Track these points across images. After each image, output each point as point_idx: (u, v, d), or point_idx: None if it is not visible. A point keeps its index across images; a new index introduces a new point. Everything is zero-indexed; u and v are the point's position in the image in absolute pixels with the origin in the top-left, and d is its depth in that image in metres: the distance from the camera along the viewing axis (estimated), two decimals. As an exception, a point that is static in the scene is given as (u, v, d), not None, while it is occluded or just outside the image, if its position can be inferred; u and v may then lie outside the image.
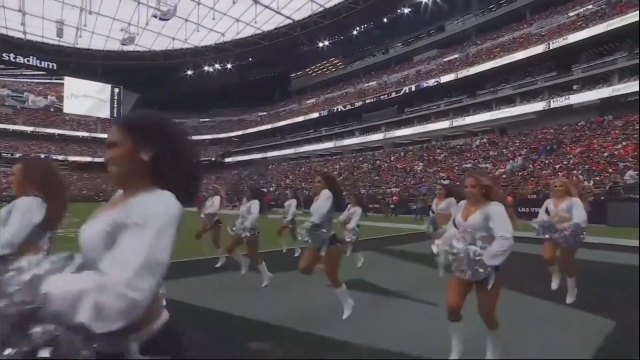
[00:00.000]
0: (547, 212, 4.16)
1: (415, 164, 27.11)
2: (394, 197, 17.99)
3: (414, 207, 17.11)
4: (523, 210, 13.11)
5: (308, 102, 51.28)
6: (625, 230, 10.14)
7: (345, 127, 41.51)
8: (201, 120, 61.86)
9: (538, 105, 24.60)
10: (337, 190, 3.60)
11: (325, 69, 54.60)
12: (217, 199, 6.30)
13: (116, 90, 58.47)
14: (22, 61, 49.33)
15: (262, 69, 56.78)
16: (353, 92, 45.06)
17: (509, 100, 27.63)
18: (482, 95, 29.89)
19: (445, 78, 31.96)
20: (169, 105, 60.65)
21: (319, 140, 43.51)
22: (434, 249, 2.70)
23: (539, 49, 25.90)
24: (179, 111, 62.13)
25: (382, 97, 37.74)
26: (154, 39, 51.44)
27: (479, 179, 2.51)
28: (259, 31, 50.20)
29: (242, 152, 53.33)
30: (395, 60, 45.53)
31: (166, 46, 54.20)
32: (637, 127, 18.09)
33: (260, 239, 5.07)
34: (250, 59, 55.62)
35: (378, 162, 31.71)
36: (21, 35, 46.25)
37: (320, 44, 50.76)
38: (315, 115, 44.47)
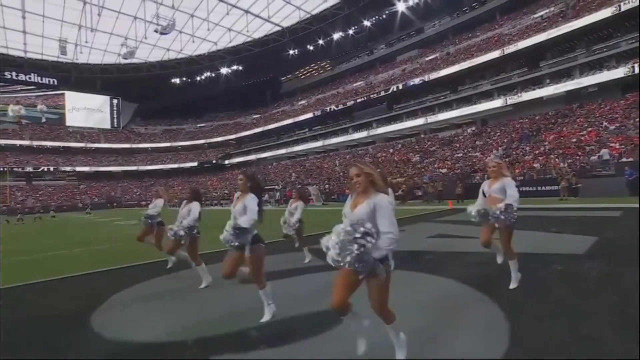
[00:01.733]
0: (483, 193, 4.02)
1: (410, 156, 29.25)
2: (403, 186, 19.91)
3: (419, 193, 19.29)
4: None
5: (300, 103, 52.83)
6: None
7: (339, 125, 43.29)
8: (198, 125, 62.66)
9: (513, 98, 27.00)
10: (259, 188, 3.55)
11: (313, 72, 56.19)
12: (159, 201, 5.99)
13: (115, 101, 58.62)
14: (23, 78, 49.10)
15: (254, 74, 57.79)
16: (343, 92, 46.87)
17: (487, 95, 29.99)
18: (464, 91, 32.18)
19: (430, 76, 34.08)
20: (166, 113, 61.44)
21: (314, 138, 45.18)
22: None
23: (510, 48, 28.23)
24: (176, 118, 62.93)
25: (371, 95, 39.66)
26: (150, 50, 51.81)
27: (361, 168, 2.28)
28: (249, 39, 51.21)
29: (241, 153, 54.50)
30: (380, 60, 47.55)
31: (161, 57, 54.57)
32: (597, 115, 20.65)
33: (200, 240, 4.67)
34: (242, 65, 56.58)
35: (379, 155, 33.68)
36: (22, 54, 46.15)
37: (308, 48, 52.13)
38: (309, 115, 46.06)
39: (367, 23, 46.09)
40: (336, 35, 49.08)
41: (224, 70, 56.95)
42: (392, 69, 43.62)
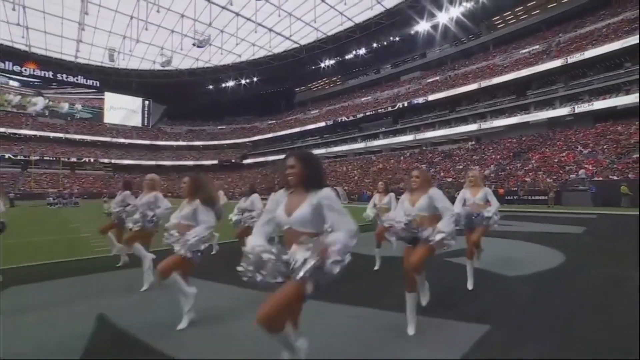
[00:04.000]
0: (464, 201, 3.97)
1: (415, 165, 31.78)
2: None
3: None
4: (509, 198, 18.20)
5: (312, 112, 55.07)
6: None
7: (348, 134, 45.63)
8: (219, 127, 64.46)
9: (505, 121, 29.65)
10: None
11: (325, 85, 58.48)
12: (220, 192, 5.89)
13: (146, 102, 60.23)
14: (72, 80, 50.92)
15: (271, 84, 59.82)
16: (352, 105, 49.24)
17: (481, 116, 32.62)
18: (461, 112, 34.79)
19: (432, 97, 36.64)
20: (191, 115, 63.19)
21: (325, 145, 47.44)
22: None
23: (502, 78, 30.87)
24: (199, 119, 64.65)
25: (379, 110, 42.11)
26: (181, 59, 53.63)
27: (422, 171, 2.77)
28: (270, 53, 53.26)
29: (257, 154, 56.48)
30: (385, 79, 50.00)
31: (190, 65, 56.33)
32: (574, 140, 23.34)
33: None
34: (261, 76, 58.56)
35: (392, 162, 36.06)
36: (72, 59, 47.91)
37: (322, 64, 54.36)
38: (322, 124, 48.33)
39: (375, 45, 48.47)
40: (347, 55, 51.39)
41: (245, 80, 58.92)
42: (396, 87, 46.07)
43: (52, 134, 49.57)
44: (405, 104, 39.37)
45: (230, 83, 59.72)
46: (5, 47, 43.84)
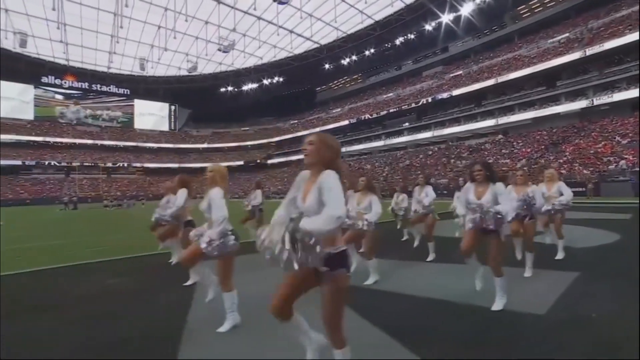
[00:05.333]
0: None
1: (440, 161, 31.43)
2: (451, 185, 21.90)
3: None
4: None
5: (334, 111, 55.20)
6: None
7: (372, 131, 45.49)
8: (242, 129, 65.73)
9: (534, 113, 28.77)
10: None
11: (346, 84, 58.46)
12: (259, 192, 6.92)
13: (172, 107, 62.29)
14: (105, 89, 53.57)
15: (293, 84, 60.34)
16: (374, 103, 49.02)
17: (509, 109, 31.76)
18: (487, 105, 33.99)
19: (456, 91, 35.98)
20: (215, 118, 64.73)
21: (349, 143, 47.49)
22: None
23: (531, 69, 29.89)
24: (223, 122, 66.10)
25: (403, 106, 41.75)
26: (205, 64, 55.06)
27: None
28: (291, 54, 53.76)
29: (281, 154, 57.24)
30: (407, 75, 49.44)
31: (214, 69, 57.71)
32: (610, 130, 22.39)
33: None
34: (282, 77, 59.22)
35: (420, 157, 35.80)
36: (105, 69, 50.35)
37: (343, 63, 54.31)
38: (345, 122, 48.42)
39: (397, 42, 47.99)
40: (368, 52, 51.16)
41: (267, 81, 59.78)
42: (418, 83, 45.49)
43: (89, 141, 52.32)
44: (429, 100, 38.86)
45: (253, 85, 60.72)
46: (48, 63, 47.33)
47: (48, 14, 36.87)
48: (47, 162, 47.19)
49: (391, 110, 42.86)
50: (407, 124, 41.64)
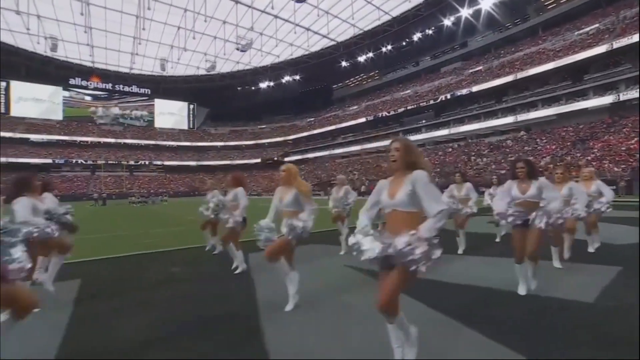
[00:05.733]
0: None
1: (460, 158, 31.12)
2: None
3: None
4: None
5: (351, 109, 55.20)
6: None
7: (390, 129, 45.31)
8: (259, 127, 66.55)
9: (559, 109, 28.07)
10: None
11: (362, 81, 58.33)
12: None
13: (191, 106, 63.67)
14: (127, 90, 55.42)
15: (309, 82, 60.65)
16: (392, 100, 48.77)
17: (531, 105, 31.09)
18: (509, 101, 33.34)
19: (476, 87, 35.44)
20: (233, 116, 65.78)
21: (367, 140, 47.47)
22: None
23: (556, 63, 29.10)
24: (240, 120, 67.12)
25: (421, 103, 41.42)
26: (223, 63, 55.97)
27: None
28: (307, 52, 53.99)
29: (298, 152, 57.71)
30: (425, 71, 48.93)
31: (231, 68, 58.59)
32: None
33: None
34: (299, 75, 59.58)
35: (440, 154, 35.55)
36: (127, 70, 51.99)
37: (359, 60, 54.19)
38: (362, 119, 48.40)
39: (415, 38, 47.53)
40: (385, 49, 50.86)
41: (283, 79, 60.28)
42: (437, 79, 44.98)
43: (112, 140, 54.21)
44: (448, 96, 38.42)
45: (270, 83, 61.37)
46: (75, 65, 49.57)
47: (76, 18, 38.52)
48: (74, 161, 49.25)
49: (409, 107, 42.61)
50: (424, 121, 41.30)
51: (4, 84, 48.71)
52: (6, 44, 42.58)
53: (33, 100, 50.66)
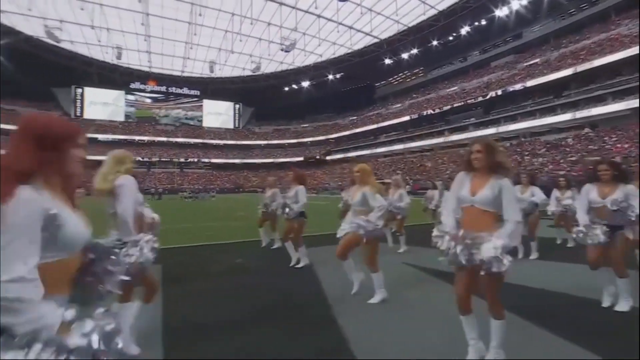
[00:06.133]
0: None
1: (512, 158, 29.28)
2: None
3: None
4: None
5: (394, 107, 54.21)
6: None
7: (434, 127, 43.88)
8: (302, 125, 67.70)
9: (630, 103, 25.35)
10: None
11: (406, 78, 57.01)
12: (435, 192, 7.61)
13: (237, 106, 66.45)
14: (179, 92, 59.72)
15: (351, 81, 60.51)
16: (437, 97, 47.15)
17: (598, 99, 28.38)
18: (571, 96, 30.71)
19: (532, 82, 33.08)
20: (276, 115, 67.56)
21: (410, 139, 46.36)
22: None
23: (632, 50, 26.02)
24: (283, 119, 68.71)
25: (468, 100, 39.61)
26: (267, 64, 57.60)
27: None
28: (350, 50, 53.84)
29: (340, 150, 57.88)
30: (473, 66, 46.66)
31: (275, 68, 60.11)
32: None
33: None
34: (341, 74, 59.61)
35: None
36: (179, 73, 55.79)
37: (403, 57, 52.98)
38: (405, 118, 47.38)
39: (462, 32, 45.50)
40: (430, 44, 49.25)
41: (326, 78, 60.68)
42: (486, 74, 42.68)
43: (165, 139, 58.20)
44: (499, 92, 36.32)
45: (312, 82, 62.08)
46: (135, 71, 54.41)
47: (137, 28, 42.29)
48: (133, 158, 53.69)
49: (455, 105, 40.92)
50: (473, 119, 39.43)
51: (79, 90, 55.08)
52: (82, 55, 48.73)
53: (102, 104, 56.37)
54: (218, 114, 64.84)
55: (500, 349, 2.05)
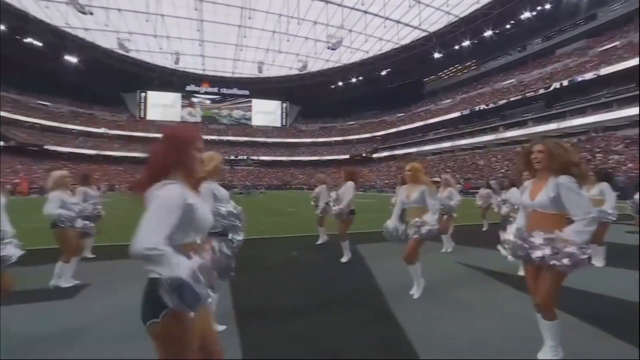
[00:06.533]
0: None
1: (583, 155, 26.65)
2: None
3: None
4: None
5: (444, 102, 52.03)
6: None
7: (488, 123, 41.43)
8: (348, 123, 67.70)
9: None
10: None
11: (457, 72, 54.37)
12: (488, 191, 8.02)
13: (284, 105, 68.24)
14: (230, 92, 63.16)
15: (399, 77, 59.09)
16: (491, 91, 44.41)
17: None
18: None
19: (607, 69, 29.75)
20: (322, 113, 68.22)
21: (461, 136, 44.28)
22: None
23: None
24: (330, 117, 69.20)
25: (527, 93, 36.79)
26: (314, 62, 58.26)
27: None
28: (397, 45, 52.56)
29: (386, 148, 56.96)
30: (533, 56, 43.20)
31: (321, 67, 60.63)
32: None
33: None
34: (388, 70, 58.44)
35: None
36: (229, 74, 58.88)
37: (454, 50, 50.48)
38: (456, 114, 45.30)
39: (522, 18, 42.21)
40: (484, 35, 46.38)
41: (372, 75, 59.90)
42: (549, 64, 39.26)
43: (217, 137, 61.58)
44: (565, 83, 33.21)
45: (359, 79, 61.69)
46: (191, 74, 58.59)
47: (193, 34, 45.42)
48: (187, 156, 57.85)
49: (512, 99, 38.19)
50: (532, 113, 36.52)
51: (143, 94, 60.57)
52: (146, 62, 53.64)
53: (162, 106, 61.38)
54: (266, 112, 67.22)
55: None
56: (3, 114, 42.96)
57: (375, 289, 3.68)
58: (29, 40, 43.20)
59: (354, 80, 61.48)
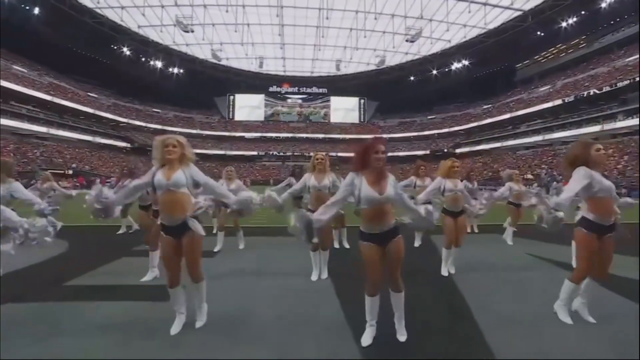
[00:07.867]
0: None
1: None
2: None
3: None
4: None
5: (540, 90, 46.39)
6: None
7: (600, 110, 35.74)
8: (429, 117, 65.05)
9: None
10: None
11: (559, 53, 47.80)
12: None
13: (362, 101, 68.69)
14: (309, 91, 66.89)
15: (486, 65, 54.47)
16: (603, 73, 38.08)
17: None
18: None
19: None
20: (401, 107, 66.66)
21: (560, 128, 39.14)
22: None
23: None
24: (409, 111, 67.30)
25: (654, 73, 30.66)
26: (391, 56, 57.30)
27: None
28: (484, 30, 48.47)
29: (470, 143, 53.32)
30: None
31: (400, 60, 59.26)
32: None
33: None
34: (473, 58, 54.33)
35: None
36: (308, 74, 62.00)
37: (556, 27, 44.42)
38: (557, 102, 40.09)
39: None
40: (597, 6, 39.73)
41: (455, 65, 56.44)
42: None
43: (297, 135, 65.26)
44: None
45: (440, 71, 58.69)
46: (273, 76, 63.70)
47: (275, 38, 49.10)
48: (271, 153, 62.49)
49: (637, 79, 32.17)
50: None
51: (232, 97, 67.10)
52: (234, 68, 59.89)
53: (248, 107, 67.32)
54: (344, 109, 68.57)
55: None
56: (130, 121, 53.49)
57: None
58: (151, 61, 53.78)
59: (435, 72, 58.75)
